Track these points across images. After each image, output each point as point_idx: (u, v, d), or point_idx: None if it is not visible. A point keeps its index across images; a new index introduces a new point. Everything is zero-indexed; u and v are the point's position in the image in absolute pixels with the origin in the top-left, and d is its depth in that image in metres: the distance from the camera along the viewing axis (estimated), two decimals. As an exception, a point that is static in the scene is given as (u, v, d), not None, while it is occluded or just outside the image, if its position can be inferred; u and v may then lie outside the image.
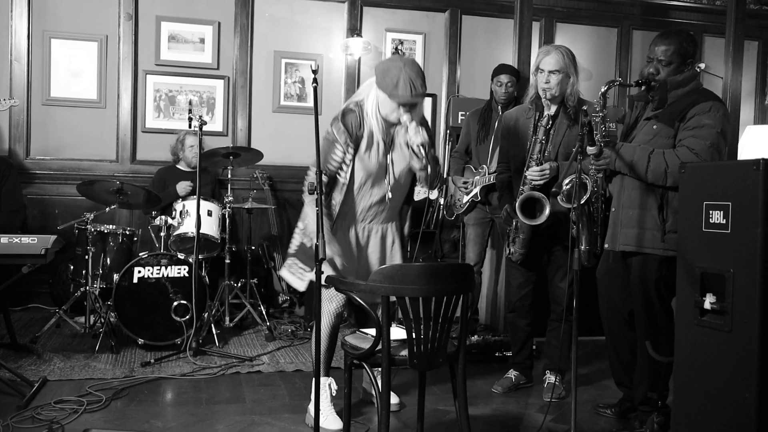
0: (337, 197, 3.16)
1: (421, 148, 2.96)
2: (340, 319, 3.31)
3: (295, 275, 3.29)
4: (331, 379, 3.22)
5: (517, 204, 3.45)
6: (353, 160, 3.11)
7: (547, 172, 3.40)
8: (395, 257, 3.33)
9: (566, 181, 3.12)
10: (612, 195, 3.21)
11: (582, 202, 3.06)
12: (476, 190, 4.59)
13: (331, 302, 3.24)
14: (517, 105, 4.46)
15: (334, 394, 3.22)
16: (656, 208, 2.99)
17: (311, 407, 3.17)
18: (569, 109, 3.47)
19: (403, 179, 3.25)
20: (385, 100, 3.02)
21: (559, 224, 3.45)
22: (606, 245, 3.18)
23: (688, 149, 2.90)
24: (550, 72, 3.41)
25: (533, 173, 3.42)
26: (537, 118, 3.50)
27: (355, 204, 3.21)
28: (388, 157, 3.17)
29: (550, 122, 3.42)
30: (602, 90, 3.02)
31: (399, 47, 6.27)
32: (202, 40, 5.86)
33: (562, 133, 3.47)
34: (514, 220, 3.55)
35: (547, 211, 3.36)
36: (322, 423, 3.08)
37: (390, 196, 3.21)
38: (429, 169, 3.06)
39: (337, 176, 3.13)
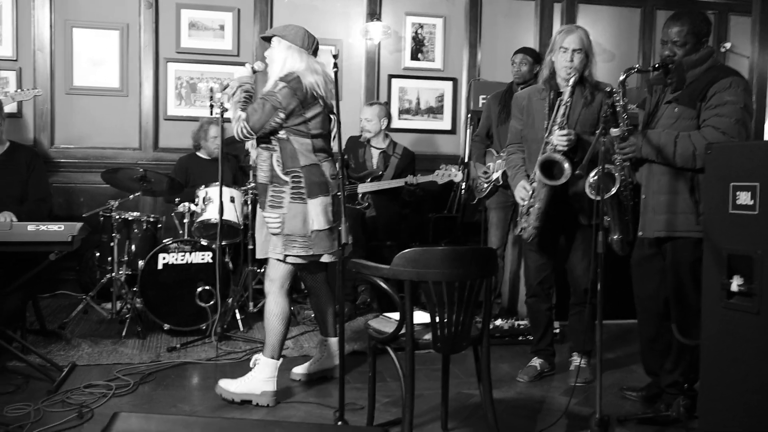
0: None
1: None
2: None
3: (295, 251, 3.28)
4: (280, 362, 3.36)
5: (537, 164, 3.35)
6: None
7: (572, 137, 3.30)
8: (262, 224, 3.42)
9: (592, 173, 3.07)
10: (640, 182, 3.17)
11: (612, 193, 3.02)
12: (497, 174, 4.56)
13: (283, 288, 3.34)
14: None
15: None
16: (687, 191, 2.96)
17: (223, 383, 3.28)
18: (586, 89, 3.43)
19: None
20: None
21: (575, 203, 3.42)
22: (639, 233, 3.15)
23: (714, 129, 2.86)
24: (574, 50, 3.37)
25: (559, 138, 3.30)
26: (552, 97, 3.45)
27: None
28: None
29: (575, 87, 3.36)
30: (621, 78, 2.97)
31: (419, 31, 6.24)
32: (222, 27, 5.87)
33: (578, 111, 3.41)
34: (531, 189, 3.43)
35: (567, 171, 3.25)
36: (265, 387, 3.23)
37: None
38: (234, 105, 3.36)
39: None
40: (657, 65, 3.04)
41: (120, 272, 4.54)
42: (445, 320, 2.50)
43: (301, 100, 3.24)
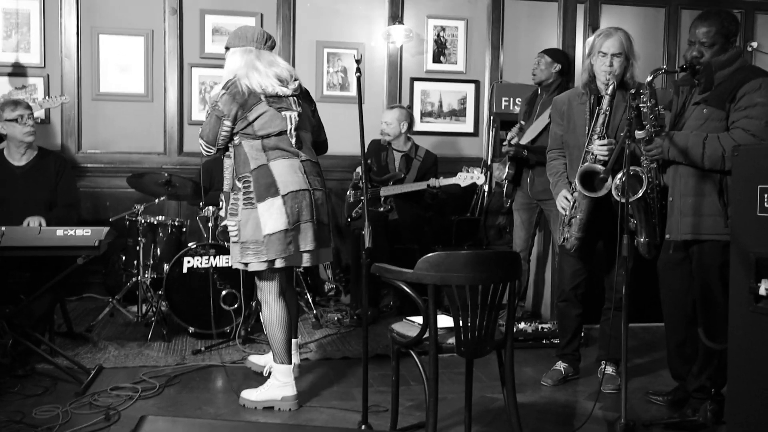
0: None
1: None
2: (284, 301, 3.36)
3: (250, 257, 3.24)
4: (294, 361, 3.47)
5: (576, 176, 3.32)
6: None
7: (612, 146, 3.24)
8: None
9: (619, 174, 3.03)
10: (667, 185, 3.13)
11: (639, 195, 2.99)
12: (506, 170, 4.51)
13: (272, 293, 3.32)
14: (554, 86, 4.38)
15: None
16: (716, 194, 2.92)
17: (245, 394, 3.30)
18: (632, 94, 3.37)
19: None
20: None
21: (615, 209, 3.38)
22: (667, 235, 3.11)
23: (743, 131, 2.82)
24: (613, 55, 3.32)
25: (599, 148, 3.26)
26: (592, 102, 3.42)
27: None
28: None
29: (615, 94, 3.30)
30: (648, 79, 2.95)
31: (441, 34, 6.23)
32: (246, 32, 5.90)
33: (619, 117, 3.36)
34: (573, 199, 3.41)
35: (609, 183, 3.20)
36: (284, 393, 3.24)
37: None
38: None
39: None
40: (684, 66, 3.01)
41: (145, 276, 4.59)
42: (469, 324, 2.50)
43: (240, 103, 3.20)
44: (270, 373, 3.38)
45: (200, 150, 3.36)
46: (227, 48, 3.42)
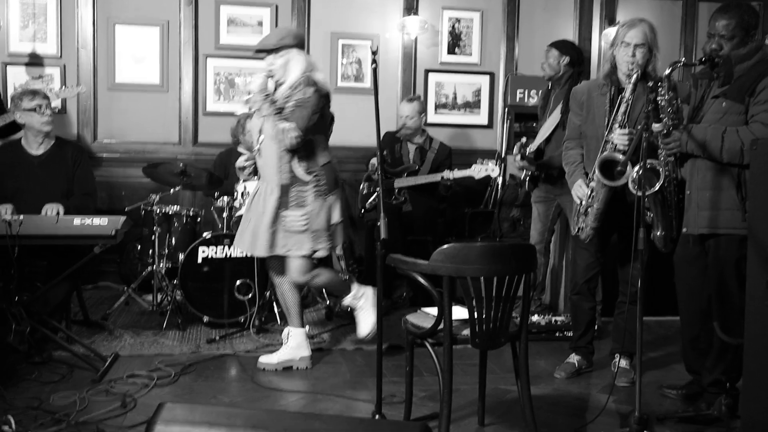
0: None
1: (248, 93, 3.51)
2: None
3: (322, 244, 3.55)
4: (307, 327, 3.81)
5: (596, 163, 3.29)
6: None
7: (633, 136, 3.21)
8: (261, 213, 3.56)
9: (636, 168, 3.00)
10: (684, 178, 3.11)
11: (656, 189, 2.97)
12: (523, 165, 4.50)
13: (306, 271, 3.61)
14: (564, 79, 4.34)
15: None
16: (734, 188, 2.90)
17: (264, 359, 3.66)
18: (651, 86, 3.34)
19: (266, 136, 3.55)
20: None
21: (632, 201, 3.36)
22: (684, 229, 3.09)
23: (762, 125, 2.80)
24: (636, 45, 3.29)
25: (620, 137, 3.23)
26: (613, 93, 3.39)
27: None
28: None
29: (638, 83, 3.27)
30: (666, 72, 2.93)
31: (456, 25, 6.21)
32: (260, 23, 5.92)
33: (639, 108, 3.31)
34: (590, 188, 3.39)
35: (629, 172, 3.16)
36: (301, 353, 3.67)
37: (258, 147, 3.60)
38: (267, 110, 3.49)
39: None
40: (703, 59, 2.98)
41: (161, 265, 4.62)
42: (484, 316, 2.50)
43: (326, 101, 3.53)
44: (288, 337, 3.70)
45: (286, 144, 3.45)
46: (280, 48, 3.54)
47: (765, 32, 6.50)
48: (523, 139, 4.47)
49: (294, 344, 3.65)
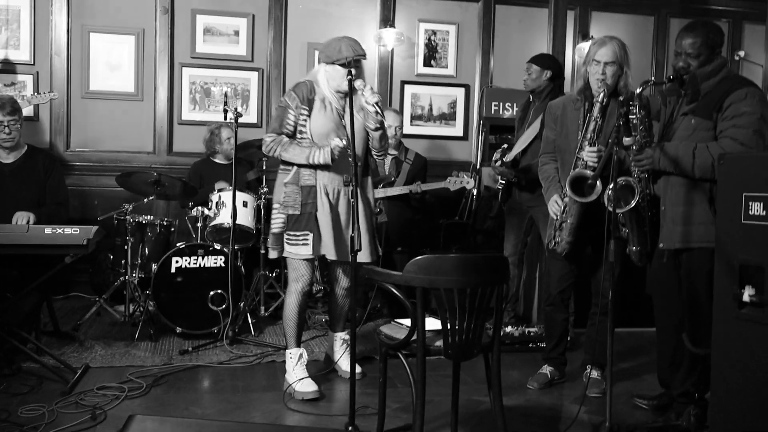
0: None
1: (376, 105, 3.31)
2: (308, 297, 3.56)
3: (299, 244, 3.41)
4: (302, 349, 3.55)
5: (567, 181, 3.35)
6: (308, 120, 3.42)
7: (602, 153, 3.27)
8: (364, 224, 3.46)
9: (611, 184, 3.03)
10: (658, 194, 3.16)
11: (632, 206, 3.02)
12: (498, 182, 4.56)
13: (298, 282, 3.46)
14: (545, 92, 4.39)
15: (305, 363, 3.53)
16: (706, 202, 2.95)
17: (287, 376, 3.51)
18: (622, 102, 3.39)
19: (357, 141, 3.47)
20: (333, 72, 3.40)
21: (605, 214, 3.40)
22: (660, 244, 3.13)
23: (732, 140, 2.86)
24: (606, 63, 3.36)
25: (590, 154, 3.29)
26: (586, 108, 3.45)
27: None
28: (343, 120, 3.45)
29: (606, 100, 3.33)
30: (637, 91, 2.98)
31: (432, 38, 6.26)
32: (237, 33, 5.91)
33: (612, 124, 3.38)
34: (564, 204, 3.43)
35: (598, 188, 3.23)
36: (298, 387, 3.40)
37: (343, 144, 3.38)
38: (383, 127, 3.47)
39: (299, 137, 3.44)
40: (672, 77, 3.04)
41: (133, 275, 4.58)
42: (456, 327, 2.51)
43: None
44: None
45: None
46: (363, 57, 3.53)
47: (734, 49, 6.68)
48: (505, 146, 4.52)
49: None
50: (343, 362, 3.70)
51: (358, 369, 3.57)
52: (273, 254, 3.53)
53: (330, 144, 3.35)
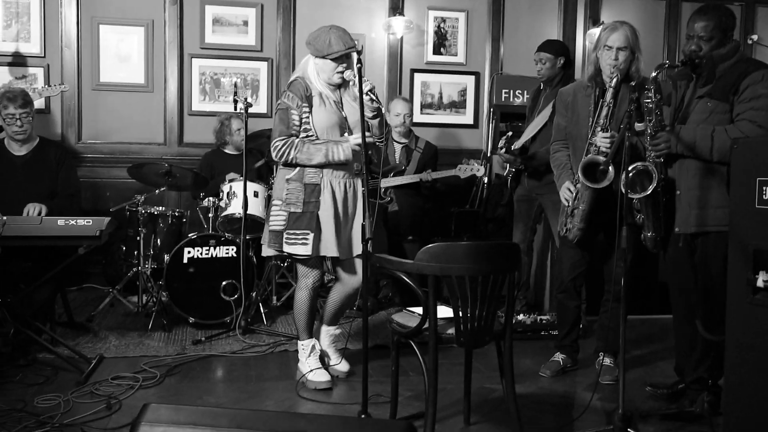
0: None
1: (370, 93, 3.25)
2: (317, 291, 3.54)
3: (298, 243, 3.35)
4: (314, 340, 3.56)
5: (579, 167, 3.32)
6: (310, 116, 3.37)
7: (615, 138, 3.25)
8: (360, 211, 3.45)
9: (628, 169, 2.99)
10: (672, 178, 3.13)
11: (649, 192, 2.99)
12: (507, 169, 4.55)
13: (307, 277, 3.46)
14: (557, 79, 4.36)
15: (318, 353, 3.53)
16: (724, 185, 2.92)
17: (300, 366, 3.53)
18: (633, 87, 3.36)
19: (358, 131, 3.40)
20: (323, 65, 3.35)
21: (617, 199, 3.38)
22: (676, 229, 3.11)
23: (750, 122, 2.85)
24: (618, 49, 3.33)
25: (603, 140, 3.27)
26: (597, 94, 3.42)
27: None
28: (343, 111, 3.43)
29: (619, 86, 3.31)
30: (653, 75, 2.95)
31: (441, 25, 6.23)
32: (246, 23, 5.91)
33: (624, 109, 3.36)
34: (575, 190, 3.42)
35: (611, 174, 3.21)
36: (311, 377, 3.41)
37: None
38: (381, 114, 3.42)
39: (303, 135, 3.38)
40: (684, 60, 3.02)
41: (146, 266, 4.60)
42: (468, 315, 2.52)
43: None
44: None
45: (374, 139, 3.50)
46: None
47: (746, 33, 6.61)
48: (509, 133, 4.50)
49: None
50: (335, 361, 3.63)
51: (346, 367, 3.59)
52: (269, 251, 3.47)
53: (350, 140, 3.34)
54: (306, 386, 3.39)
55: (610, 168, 3.21)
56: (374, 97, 3.30)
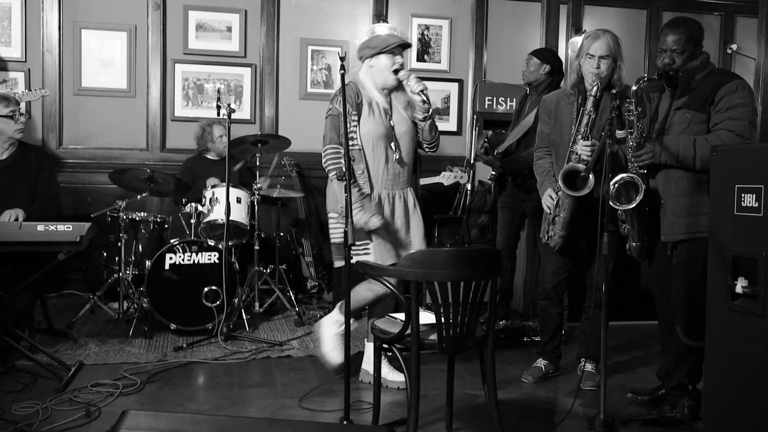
0: (361, 165, 3.33)
1: (422, 93, 3.23)
2: (382, 299, 3.42)
3: (360, 254, 3.30)
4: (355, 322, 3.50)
5: (560, 176, 3.35)
6: (358, 125, 3.31)
7: (596, 147, 3.27)
8: (417, 222, 3.46)
9: (614, 180, 3.00)
10: (655, 188, 3.16)
11: (637, 202, 3.00)
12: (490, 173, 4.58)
13: (375, 283, 3.27)
14: (543, 86, 4.40)
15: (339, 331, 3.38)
16: (707, 193, 2.96)
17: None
18: (614, 95, 3.38)
19: (407, 142, 3.42)
20: (378, 65, 3.33)
21: (599, 207, 3.40)
22: (662, 237, 3.13)
23: (728, 131, 2.92)
24: (600, 57, 3.35)
25: (584, 148, 3.30)
26: (579, 102, 3.45)
27: (372, 169, 3.36)
28: (392, 121, 3.38)
29: (599, 94, 3.33)
30: (633, 88, 2.99)
31: (425, 33, 6.25)
32: (229, 29, 5.90)
33: (606, 117, 3.38)
34: (557, 198, 3.44)
35: (591, 182, 3.24)
36: (330, 351, 3.39)
37: (397, 156, 3.37)
38: (432, 116, 3.38)
39: (350, 145, 3.31)
40: (660, 73, 3.07)
41: (127, 272, 4.56)
42: (451, 321, 2.52)
43: None
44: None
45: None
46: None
47: (726, 42, 6.69)
48: (488, 133, 4.53)
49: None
50: (389, 373, 3.51)
51: (400, 378, 3.47)
52: (339, 263, 3.39)
53: (372, 219, 3.25)
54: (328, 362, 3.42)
55: (591, 176, 3.24)
56: (426, 98, 3.26)
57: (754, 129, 2.94)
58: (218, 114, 4.41)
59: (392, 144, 3.35)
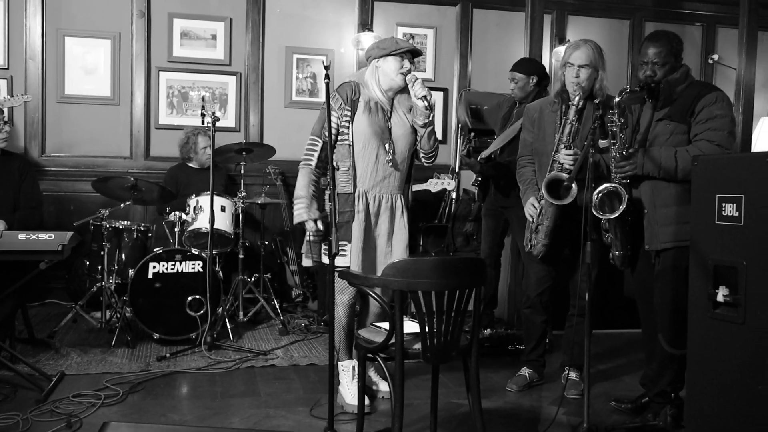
0: (347, 162, 3.31)
1: (425, 99, 3.21)
2: (354, 309, 3.38)
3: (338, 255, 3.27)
4: (354, 361, 3.35)
5: (542, 184, 3.37)
6: (351, 122, 3.28)
7: (578, 156, 3.27)
8: (401, 230, 3.42)
9: (597, 190, 3.02)
10: (638, 198, 3.18)
11: (620, 213, 3.02)
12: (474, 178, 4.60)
13: (343, 294, 3.31)
14: (539, 94, 4.41)
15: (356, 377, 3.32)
16: (688, 202, 2.98)
17: (341, 389, 3.37)
18: (597, 104, 3.41)
19: (402, 146, 3.39)
20: (385, 66, 3.29)
21: (581, 216, 3.41)
22: (646, 246, 3.16)
23: (708, 142, 2.95)
24: (579, 66, 3.38)
25: (566, 157, 3.31)
26: (563, 111, 3.47)
27: (360, 168, 3.33)
28: (389, 123, 3.36)
29: (581, 103, 3.34)
30: (616, 100, 3.01)
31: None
32: (214, 37, 5.89)
33: (589, 126, 3.40)
34: (540, 206, 3.46)
35: (574, 191, 3.25)
36: (349, 400, 3.29)
37: (390, 157, 3.33)
38: (432, 123, 3.36)
39: (339, 138, 3.31)
40: (642, 86, 3.10)
41: (110, 281, 4.53)
42: (435, 330, 2.52)
43: None
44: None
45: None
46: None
47: (707, 53, 6.77)
48: (472, 134, 4.54)
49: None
50: (381, 381, 3.52)
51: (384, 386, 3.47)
52: (307, 262, 3.41)
53: (312, 218, 3.25)
54: (344, 410, 3.29)
55: (574, 185, 3.26)
56: (428, 104, 3.24)
57: (733, 139, 2.98)
58: (203, 122, 4.40)
59: (386, 144, 3.32)
